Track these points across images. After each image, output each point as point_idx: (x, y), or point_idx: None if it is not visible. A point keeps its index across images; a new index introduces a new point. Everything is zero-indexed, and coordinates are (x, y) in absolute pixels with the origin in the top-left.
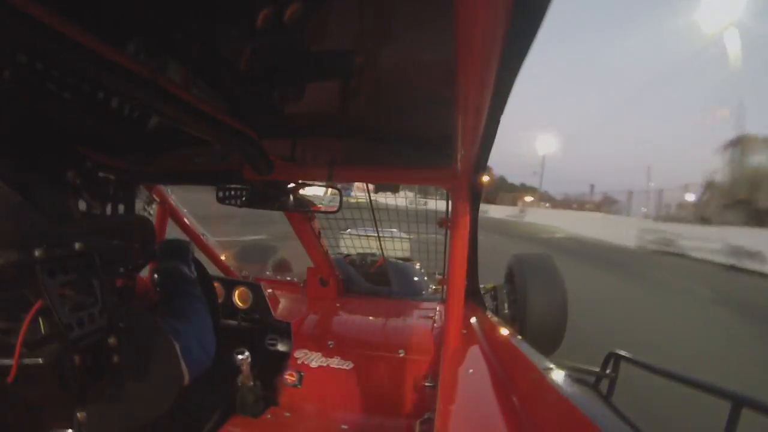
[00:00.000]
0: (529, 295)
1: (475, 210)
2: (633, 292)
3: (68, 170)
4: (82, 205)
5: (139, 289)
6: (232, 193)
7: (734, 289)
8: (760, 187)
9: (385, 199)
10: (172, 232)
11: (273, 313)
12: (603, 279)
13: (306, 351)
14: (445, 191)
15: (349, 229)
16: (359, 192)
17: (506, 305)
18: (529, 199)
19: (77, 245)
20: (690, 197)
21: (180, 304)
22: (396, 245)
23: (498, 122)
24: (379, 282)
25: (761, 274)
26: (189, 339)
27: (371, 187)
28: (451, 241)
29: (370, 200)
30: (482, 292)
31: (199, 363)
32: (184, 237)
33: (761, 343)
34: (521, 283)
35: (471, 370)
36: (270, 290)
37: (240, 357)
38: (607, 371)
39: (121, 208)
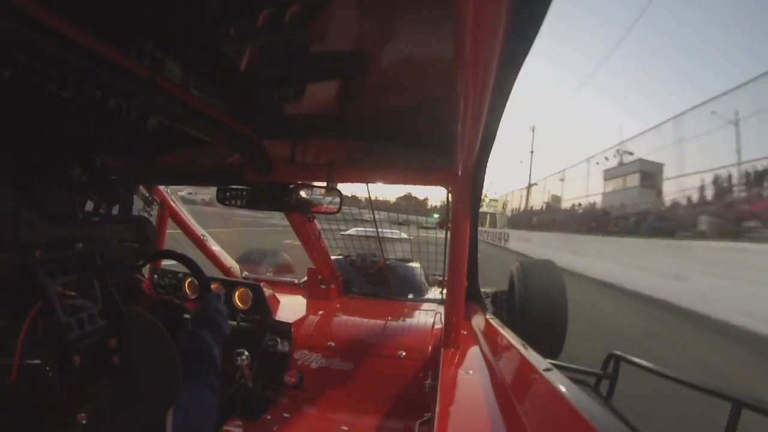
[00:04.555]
0: (529, 300)
1: (475, 211)
2: None
3: (74, 167)
4: (87, 206)
5: (139, 289)
6: (233, 193)
7: None
8: None
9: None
10: (173, 232)
11: (273, 313)
12: None
13: (306, 352)
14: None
15: (349, 230)
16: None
17: (506, 310)
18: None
19: (77, 246)
20: None
21: (192, 387)
22: (396, 246)
23: (498, 122)
24: (379, 283)
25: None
26: (188, 413)
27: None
28: (451, 242)
29: (371, 201)
30: (484, 296)
31: None
32: (183, 236)
33: None
34: (521, 289)
35: (471, 371)
36: (270, 291)
37: (240, 358)
38: (608, 372)
39: (121, 208)
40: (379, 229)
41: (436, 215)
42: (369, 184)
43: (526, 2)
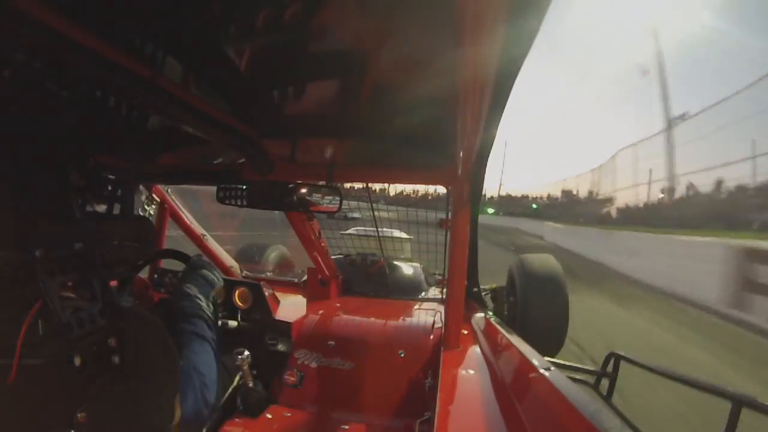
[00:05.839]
0: (529, 296)
1: (475, 210)
2: None
3: (72, 171)
4: (87, 206)
5: (139, 289)
6: (233, 192)
7: None
8: None
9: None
10: (172, 231)
11: (273, 313)
12: None
13: (306, 351)
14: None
15: (350, 229)
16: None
17: (506, 306)
18: None
19: (77, 245)
20: None
21: (189, 343)
22: (396, 245)
23: (498, 122)
24: (379, 282)
25: None
26: (189, 383)
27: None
28: (450, 241)
29: (371, 200)
30: (483, 293)
31: (194, 411)
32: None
33: None
34: (521, 285)
35: (470, 370)
36: (270, 290)
37: (240, 357)
38: (607, 371)
39: (121, 208)
40: (379, 229)
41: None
42: (369, 184)
43: (525, 2)
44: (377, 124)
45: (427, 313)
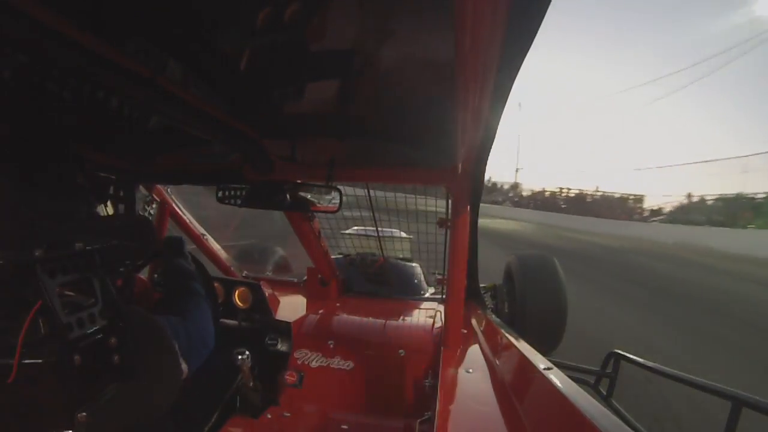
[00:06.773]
0: (528, 294)
1: (475, 210)
2: None
3: (74, 167)
4: (87, 205)
5: (139, 289)
6: (232, 192)
7: None
8: None
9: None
10: (172, 231)
11: (273, 313)
12: None
13: (306, 351)
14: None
15: (349, 229)
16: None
17: (506, 304)
18: None
19: (77, 245)
20: None
21: (181, 300)
22: (396, 245)
23: (498, 122)
24: (379, 282)
25: None
26: (189, 334)
27: None
28: (451, 240)
29: (370, 200)
30: (482, 291)
31: (198, 356)
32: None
33: None
34: (520, 283)
35: (471, 370)
36: (270, 290)
37: (240, 357)
38: (607, 371)
39: (121, 208)
40: (379, 229)
41: None
42: (369, 183)
43: (525, 2)
44: (377, 124)
45: (427, 313)
